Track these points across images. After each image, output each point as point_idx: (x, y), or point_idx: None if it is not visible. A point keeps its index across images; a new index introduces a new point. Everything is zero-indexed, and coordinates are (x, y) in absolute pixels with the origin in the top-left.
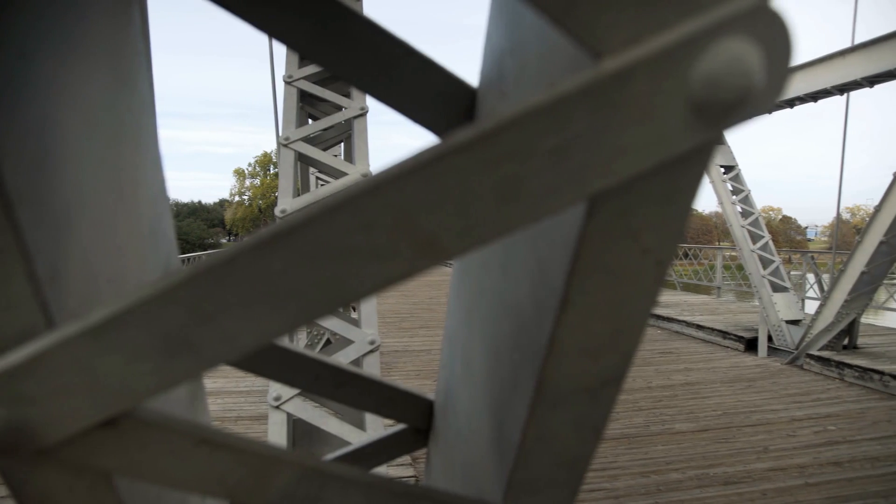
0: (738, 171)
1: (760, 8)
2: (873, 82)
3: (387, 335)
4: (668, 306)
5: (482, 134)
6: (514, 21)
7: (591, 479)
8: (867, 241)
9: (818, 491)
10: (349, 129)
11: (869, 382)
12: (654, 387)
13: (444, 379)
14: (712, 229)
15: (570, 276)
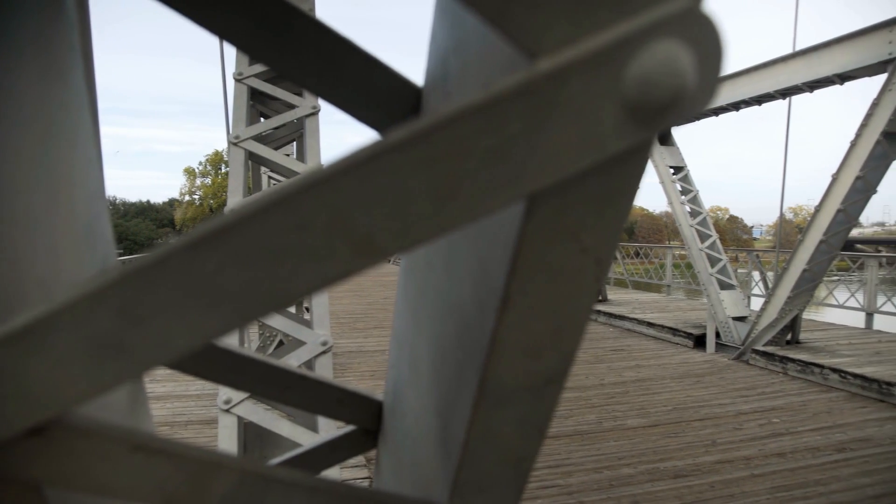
0: (686, 172)
1: (692, 11)
2: (813, 87)
3: (341, 336)
4: (619, 304)
5: (417, 133)
6: (458, 20)
7: (545, 476)
8: (808, 240)
9: (762, 482)
10: (301, 127)
11: (810, 376)
12: (607, 384)
13: (392, 379)
14: (662, 229)
15: (511, 275)
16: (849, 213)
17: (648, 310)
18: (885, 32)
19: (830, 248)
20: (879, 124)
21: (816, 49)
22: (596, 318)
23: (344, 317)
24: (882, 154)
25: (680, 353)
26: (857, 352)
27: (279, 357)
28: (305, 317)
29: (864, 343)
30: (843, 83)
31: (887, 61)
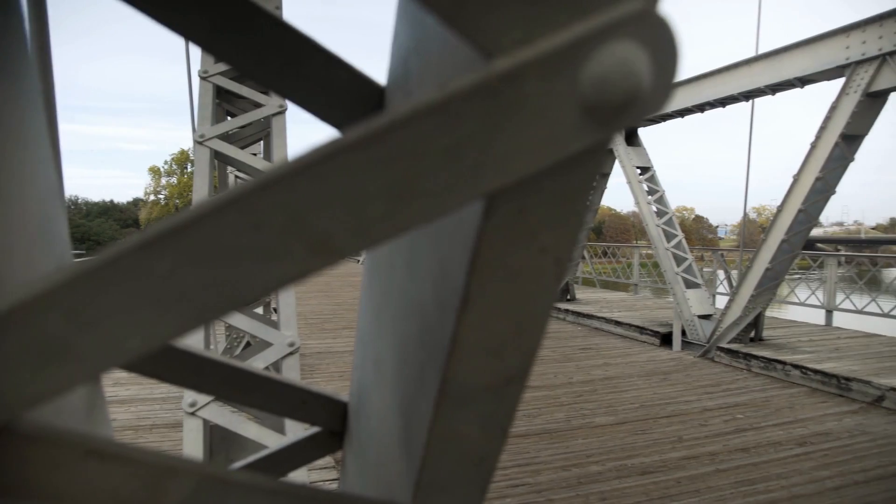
0: (653, 173)
1: (647, 13)
2: (775, 90)
3: (309, 336)
4: (588, 303)
5: (373, 133)
6: (419, 20)
7: (514, 474)
8: (771, 240)
9: (727, 476)
10: (268, 126)
11: (773, 372)
12: (575, 382)
13: (356, 380)
14: (630, 228)
15: (470, 275)
16: (809, 213)
17: (616, 309)
18: (843, 38)
19: (792, 248)
20: (837, 127)
21: (778, 53)
22: (564, 318)
23: (312, 317)
24: (840, 156)
25: (647, 352)
26: (818, 348)
27: (246, 358)
28: (273, 318)
29: (823, 340)
30: (803, 86)
31: (845, 66)
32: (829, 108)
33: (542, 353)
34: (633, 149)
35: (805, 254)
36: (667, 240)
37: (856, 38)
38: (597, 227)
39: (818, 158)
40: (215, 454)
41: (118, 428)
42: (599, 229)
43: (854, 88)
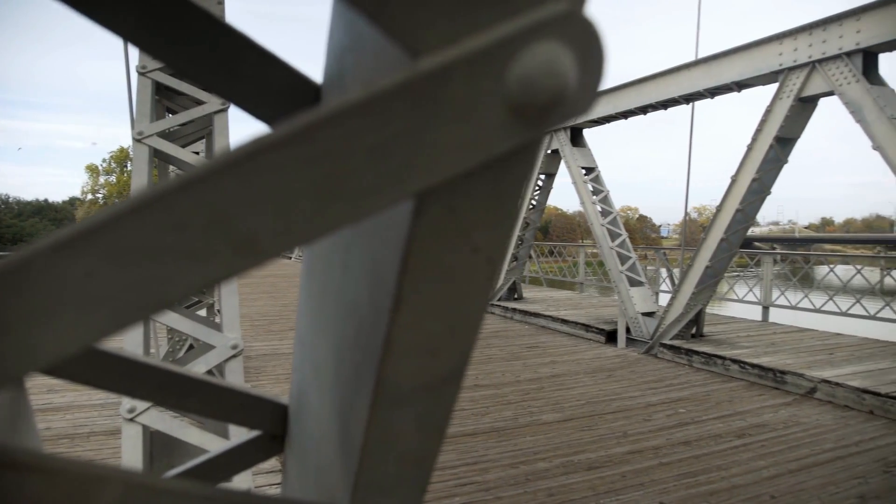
0: (598, 173)
1: (573, 14)
2: (714, 94)
3: (255, 338)
4: (534, 302)
5: (297, 131)
6: (353, 18)
7: (462, 473)
8: (710, 238)
9: (670, 469)
10: (210, 124)
11: (713, 367)
12: (522, 380)
13: (296, 382)
14: (576, 228)
15: (402, 274)
16: (746, 212)
17: (562, 307)
18: (776, 45)
19: (730, 246)
20: (772, 130)
21: (716, 58)
22: (512, 317)
23: (258, 319)
24: (775, 158)
25: (593, 349)
26: (755, 343)
27: (189, 361)
28: (217, 320)
29: (760, 335)
30: (740, 90)
31: (778, 71)
32: (764, 111)
33: (489, 352)
34: (578, 149)
35: (743, 252)
36: (611, 239)
37: (788, 45)
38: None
39: (754, 160)
40: (156, 461)
41: (53, 437)
42: (546, 229)
43: (787, 93)
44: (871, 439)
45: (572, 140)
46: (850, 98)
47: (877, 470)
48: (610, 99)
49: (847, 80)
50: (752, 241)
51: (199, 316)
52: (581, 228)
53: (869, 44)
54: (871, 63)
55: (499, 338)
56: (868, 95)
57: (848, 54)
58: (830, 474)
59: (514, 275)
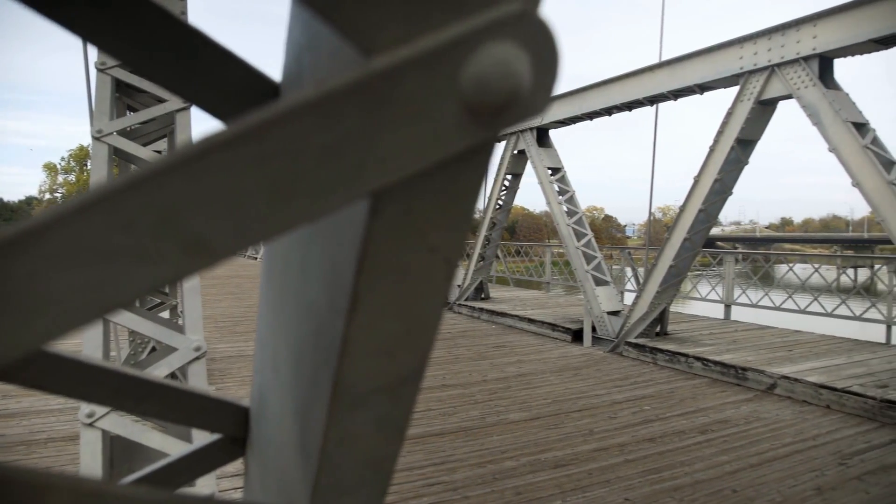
0: (564, 174)
1: (526, 14)
2: (677, 96)
3: (220, 340)
4: (501, 302)
5: (248, 130)
6: (311, 16)
7: (430, 473)
8: (674, 238)
9: (635, 466)
10: (172, 122)
11: (677, 365)
12: (490, 380)
13: (257, 384)
14: (542, 228)
15: (359, 275)
16: (709, 212)
17: (529, 306)
18: (737, 49)
19: (693, 246)
20: (733, 132)
21: (679, 60)
22: (479, 316)
23: (223, 320)
24: (736, 159)
25: (559, 348)
26: (718, 341)
27: (150, 364)
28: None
29: (723, 332)
30: (702, 93)
31: (739, 74)
32: (726, 114)
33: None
34: (544, 150)
35: (706, 251)
36: (577, 239)
37: (748, 49)
38: (510, 226)
39: (716, 161)
40: (116, 466)
41: (8, 444)
42: (513, 228)
43: (747, 96)
44: (827, 433)
45: (538, 141)
46: (808, 101)
47: (833, 462)
48: (575, 100)
49: (804, 83)
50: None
51: (162, 318)
52: (547, 228)
53: (825, 49)
54: (826, 68)
55: (466, 337)
56: (824, 99)
57: (805, 59)
58: (789, 467)
59: (481, 274)
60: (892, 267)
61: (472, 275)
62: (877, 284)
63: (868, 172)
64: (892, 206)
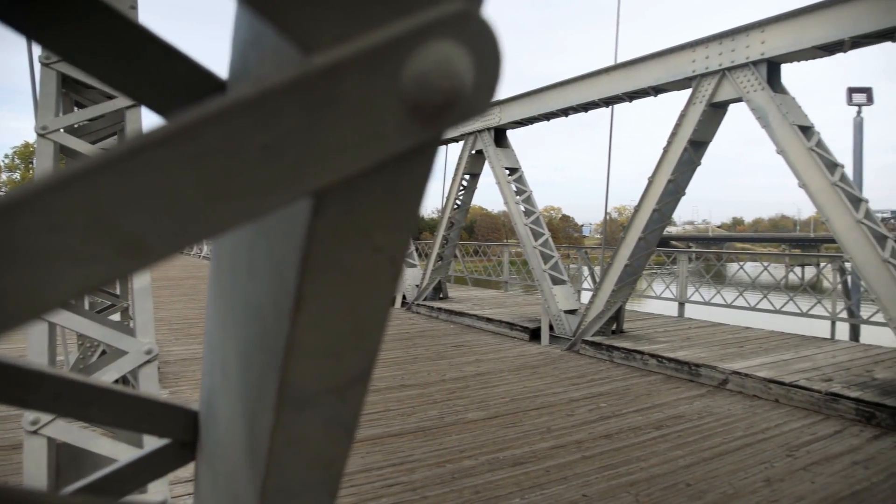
0: (521, 174)
1: (468, 13)
2: (632, 98)
3: (174, 343)
4: (460, 301)
5: (184, 128)
6: None
7: (388, 474)
8: (629, 237)
9: (592, 462)
10: (122, 120)
11: (633, 362)
12: (448, 379)
13: (206, 387)
14: (500, 227)
15: (303, 275)
16: (663, 212)
17: (487, 306)
18: (690, 52)
19: (648, 245)
20: (686, 133)
21: (634, 63)
22: (437, 316)
23: (177, 322)
24: (689, 160)
25: (517, 347)
26: (672, 338)
27: (99, 368)
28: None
29: (677, 330)
30: (657, 95)
31: (692, 77)
32: (679, 115)
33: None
34: (501, 150)
35: (660, 251)
36: (534, 238)
37: (700, 52)
38: (469, 226)
39: (670, 162)
40: (63, 475)
41: None
42: (471, 228)
43: (699, 99)
44: (776, 426)
45: (496, 141)
46: (757, 105)
47: (781, 454)
48: (532, 101)
49: (753, 87)
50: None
51: (112, 321)
52: (505, 228)
53: (773, 54)
54: (774, 72)
55: (424, 337)
56: (772, 102)
57: (754, 63)
58: (740, 460)
59: (439, 274)
60: (836, 265)
61: (431, 274)
62: (822, 282)
63: (813, 174)
64: (835, 207)
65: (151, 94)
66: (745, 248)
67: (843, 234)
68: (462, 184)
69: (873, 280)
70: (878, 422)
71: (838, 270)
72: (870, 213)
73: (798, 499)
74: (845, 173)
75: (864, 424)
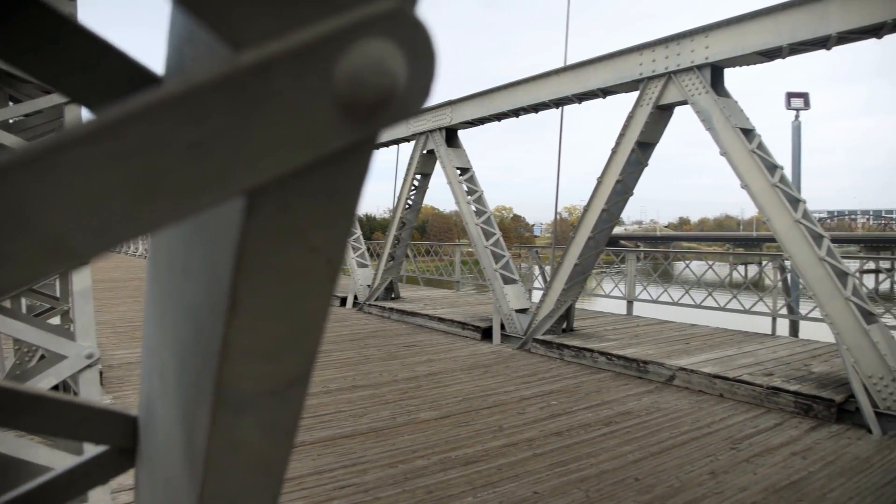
0: (472, 174)
1: (401, 12)
2: (581, 99)
3: (118, 346)
4: (412, 301)
5: (107, 125)
6: None
7: (340, 476)
8: (578, 237)
9: (543, 459)
10: (61, 116)
11: (583, 360)
12: (400, 380)
13: (145, 392)
14: (452, 227)
15: (237, 276)
16: (612, 212)
17: (439, 305)
18: (637, 55)
19: (597, 244)
20: (634, 135)
21: (583, 65)
22: (389, 316)
23: (121, 325)
24: (636, 161)
25: (469, 346)
26: (621, 336)
27: (37, 374)
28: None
29: (625, 328)
30: (605, 97)
31: (639, 80)
32: (627, 117)
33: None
34: (453, 150)
35: (609, 250)
36: (486, 238)
37: (647, 56)
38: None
39: (618, 163)
40: None
41: None
42: (423, 228)
43: (646, 101)
44: (720, 420)
45: (447, 141)
46: (701, 107)
47: (725, 447)
48: (484, 101)
49: (698, 90)
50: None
51: (51, 325)
52: (457, 228)
53: (716, 59)
54: (718, 76)
55: (376, 338)
56: (716, 106)
57: (699, 67)
58: (686, 454)
59: (391, 274)
60: (776, 263)
61: (383, 274)
62: (764, 280)
63: (754, 175)
64: (775, 207)
65: (84, 91)
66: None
67: (782, 234)
68: (414, 184)
69: (810, 277)
70: (815, 413)
71: (779, 269)
72: (807, 214)
73: (741, 489)
74: (784, 175)
75: (802, 416)
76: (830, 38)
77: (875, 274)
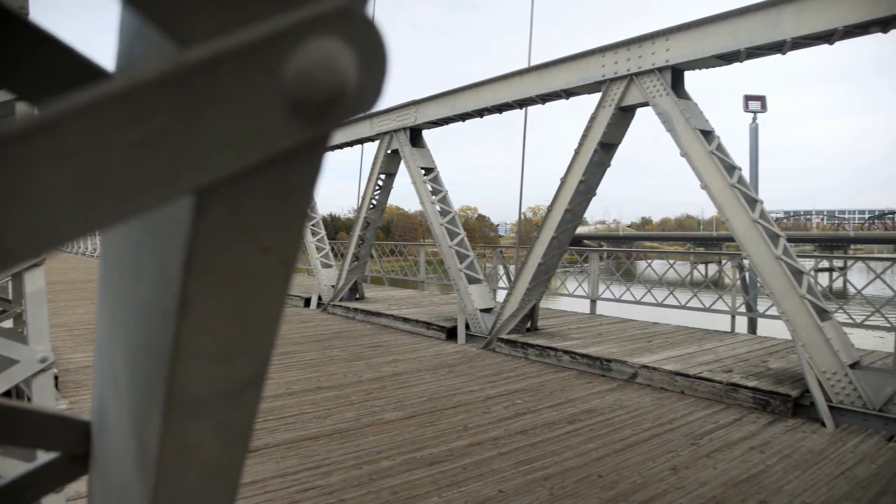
0: (437, 174)
1: (350, 10)
2: (545, 100)
3: (74, 350)
4: (376, 301)
5: (47, 122)
6: None
7: (304, 478)
8: (542, 237)
9: (508, 458)
10: (11, 112)
11: (547, 359)
12: (365, 380)
13: (97, 396)
14: (417, 227)
15: (187, 277)
16: (575, 212)
17: (404, 305)
18: (599, 57)
19: (561, 244)
20: (596, 136)
21: (547, 66)
22: (354, 316)
23: (78, 328)
24: (599, 161)
25: (434, 346)
26: (584, 334)
27: None
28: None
29: (589, 326)
30: (568, 98)
31: (601, 82)
32: (589, 118)
33: (331, 353)
34: (417, 150)
35: (572, 249)
36: (450, 238)
37: (610, 58)
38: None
39: (581, 163)
40: None
41: None
42: (388, 228)
43: (609, 102)
44: (682, 416)
45: (412, 141)
46: (662, 109)
47: (686, 443)
48: (448, 101)
49: (659, 92)
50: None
51: (2, 328)
52: (422, 228)
53: (676, 61)
54: (678, 79)
55: (341, 338)
56: (676, 107)
57: (660, 69)
58: (648, 451)
59: (355, 274)
60: (735, 262)
61: (347, 275)
62: (723, 278)
63: (714, 176)
64: (733, 207)
65: (29, 87)
66: (653, 246)
67: (740, 233)
68: (378, 183)
69: (768, 276)
70: (773, 408)
71: (737, 267)
72: (764, 214)
73: (702, 484)
74: (742, 175)
75: (760, 412)
76: (785, 42)
77: (829, 272)
